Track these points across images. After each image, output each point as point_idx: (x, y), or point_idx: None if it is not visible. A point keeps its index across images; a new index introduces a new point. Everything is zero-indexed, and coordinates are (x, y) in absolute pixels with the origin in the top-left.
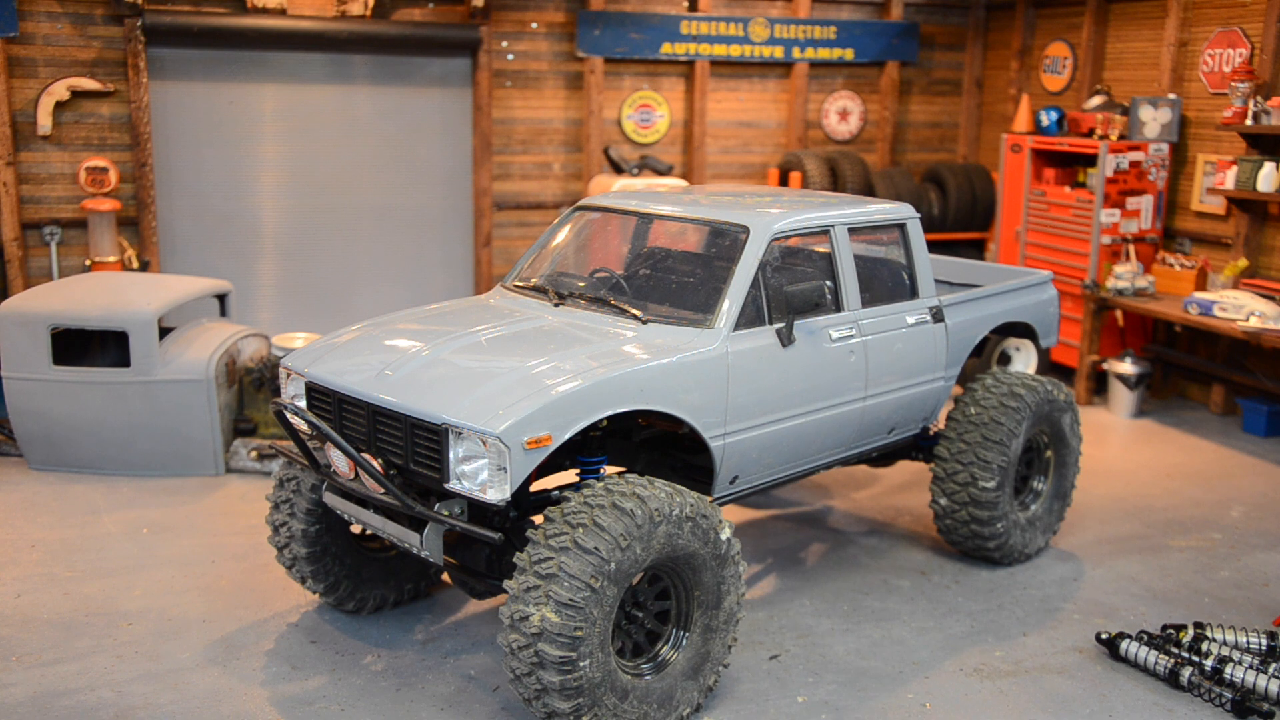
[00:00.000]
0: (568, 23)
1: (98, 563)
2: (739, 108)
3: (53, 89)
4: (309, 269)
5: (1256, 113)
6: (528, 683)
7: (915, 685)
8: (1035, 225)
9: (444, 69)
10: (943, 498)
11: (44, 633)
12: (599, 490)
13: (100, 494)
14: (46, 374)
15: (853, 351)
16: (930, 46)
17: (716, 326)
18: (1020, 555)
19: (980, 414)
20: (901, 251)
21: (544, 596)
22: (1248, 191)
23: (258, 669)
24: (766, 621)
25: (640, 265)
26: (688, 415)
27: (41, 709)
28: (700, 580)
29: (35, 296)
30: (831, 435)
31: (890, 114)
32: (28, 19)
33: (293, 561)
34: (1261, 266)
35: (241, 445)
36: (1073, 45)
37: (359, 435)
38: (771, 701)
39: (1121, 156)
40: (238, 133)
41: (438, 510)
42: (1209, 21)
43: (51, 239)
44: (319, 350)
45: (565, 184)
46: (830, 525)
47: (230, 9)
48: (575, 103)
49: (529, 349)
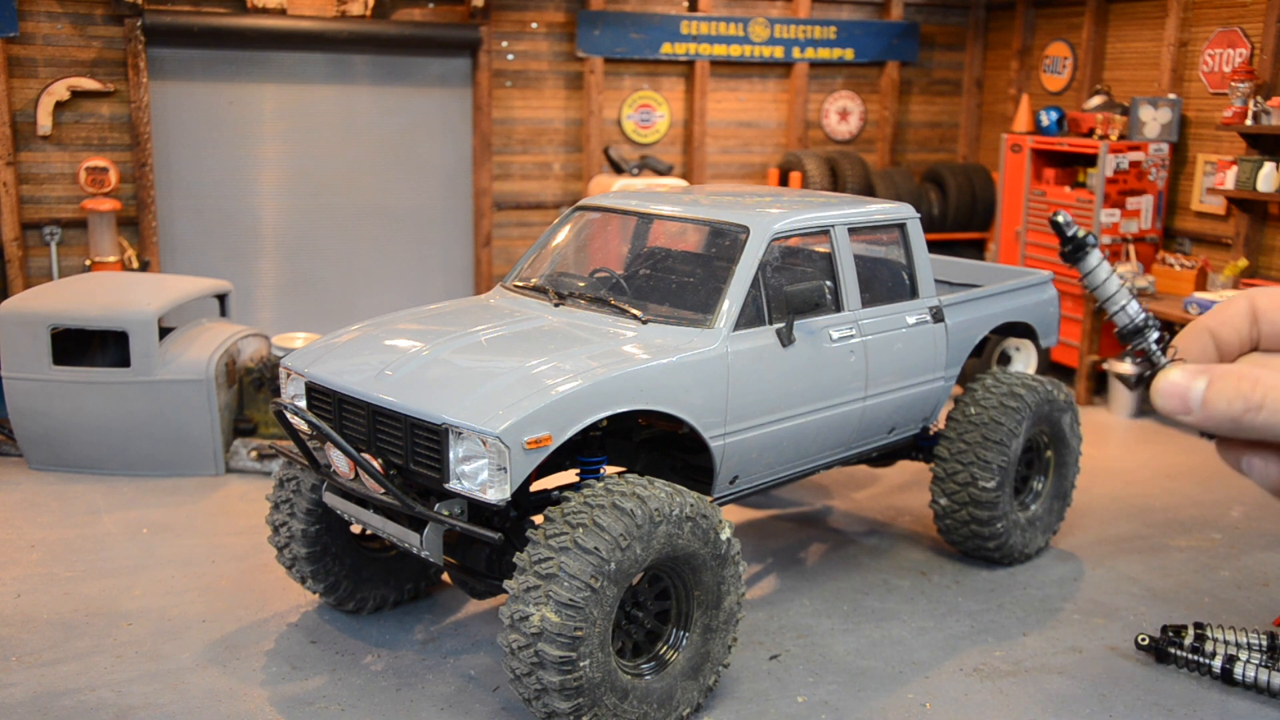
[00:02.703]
0: (568, 23)
1: (98, 563)
2: (739, 108)
3: (53, 89)
4: (309, 269)
5: (1256, 113)
6: (528, 683)
7: (915, 685)
8: (1035, 225)
9: (444, 69)
10: (943, 498)
11: (44, 633)
12: (599, 490)
13: (100, 494)
14: (46, 374)
15: (853, 351)
16: (930, 46)
17: (716, 326)
18: (1020, 555)
19: (980, 414)
20: (901, 251)
21: (544, 596)
22: (1248, 191)
23: (258, 669)
24: (766, 621)
25: (640, 265)
26: (688, 415)
27: (41, 709)
28: (700, 580)
29: (35, 296)
30: (831, 435)
31: (890, 114)
32: (28, 19)
33: (293, 561)
34: (1261, 266)
35: (241, 445)
36: (1073, 45)
37: (359, 435)
38: (771, 701)
39: (1121, 156)
40: (238, 133)
41: (438, 510)
42: (1209, 21)
43: (51, 239)
44: (319, 350)
45: (565, 184)
46: (830, 525)
47: (230, 9)
48: (575, 103)
49: (529, 349)
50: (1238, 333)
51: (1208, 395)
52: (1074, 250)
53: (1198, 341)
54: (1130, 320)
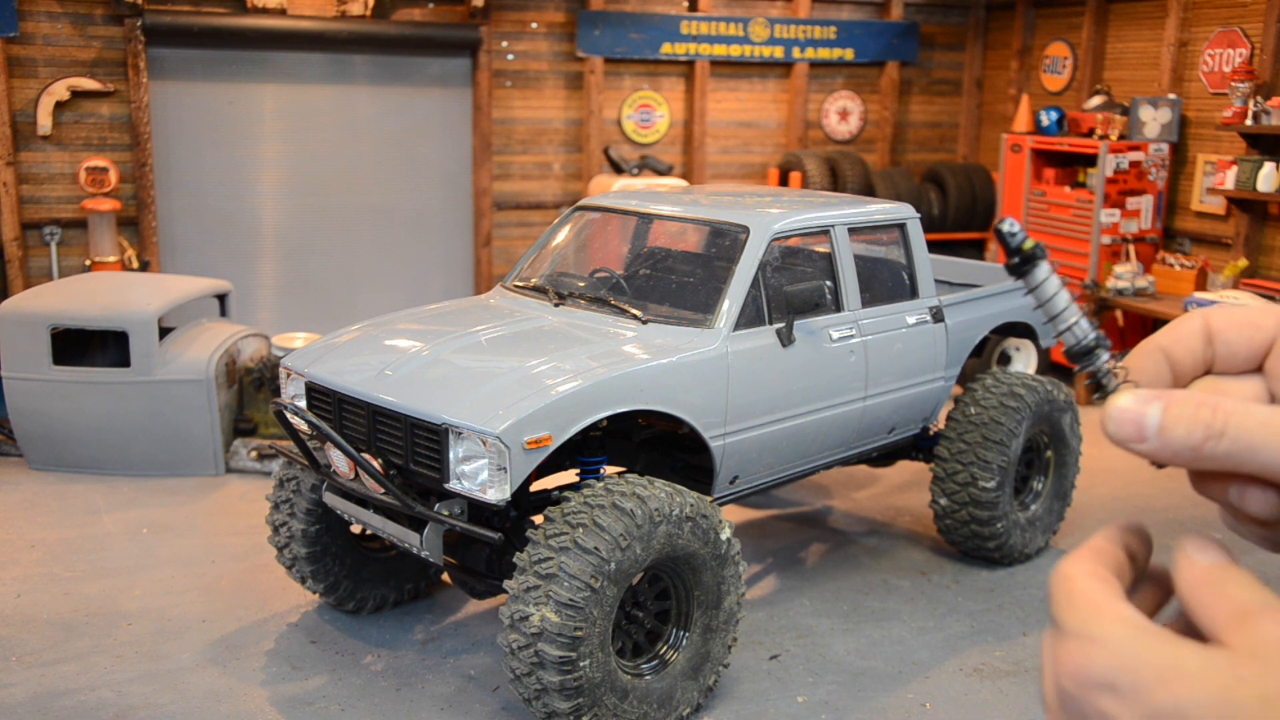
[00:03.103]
0: (568, 23)
1: (98, 563)
2: (739, 108)
3: (53, 89)
4: (309, 269)
5: (1256, 113)
6: (528, 683)
7: (915, 685)
8: (1035, 225)
9: (444, 69)
10: (943, 498)
11: (44, 633)
12: (599, 490)
13: (100, 494)
14: (46, 374)
15: (853, 351)
16: (930, 46)
17: (716, 326)
18: (1020, 555)
19: (980, 414)
20: (901, 251)
21: (544, 596)
22: (1248, 191)
23: (258, 669)
24: (766, 621)
25: (640, 265)
26: (688, 415)
27: (41, 709)
28: (700, 580)
29: (35, 296)
30: (831, 435)
31: (890, 114)
32: (28, 19)
33: (293, 561)
34: (1261, 266)
35: (241, 445)
36: (1073, 45)
37: (359, 435)
38: (771, 701)
39: (1121, 156)
40: (238, 133)
41: (438, 510)
42: (1209, 21)
43: (51, 239)
44: (319, 350)
45: (565, 184)
46: (830, 525)
47: (230, 9)
48: (575, 103)
49: (529, 349)
50: (1192, 353)
51: (1164, 422)
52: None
53: (1151, 362)
54: (1078, 341)
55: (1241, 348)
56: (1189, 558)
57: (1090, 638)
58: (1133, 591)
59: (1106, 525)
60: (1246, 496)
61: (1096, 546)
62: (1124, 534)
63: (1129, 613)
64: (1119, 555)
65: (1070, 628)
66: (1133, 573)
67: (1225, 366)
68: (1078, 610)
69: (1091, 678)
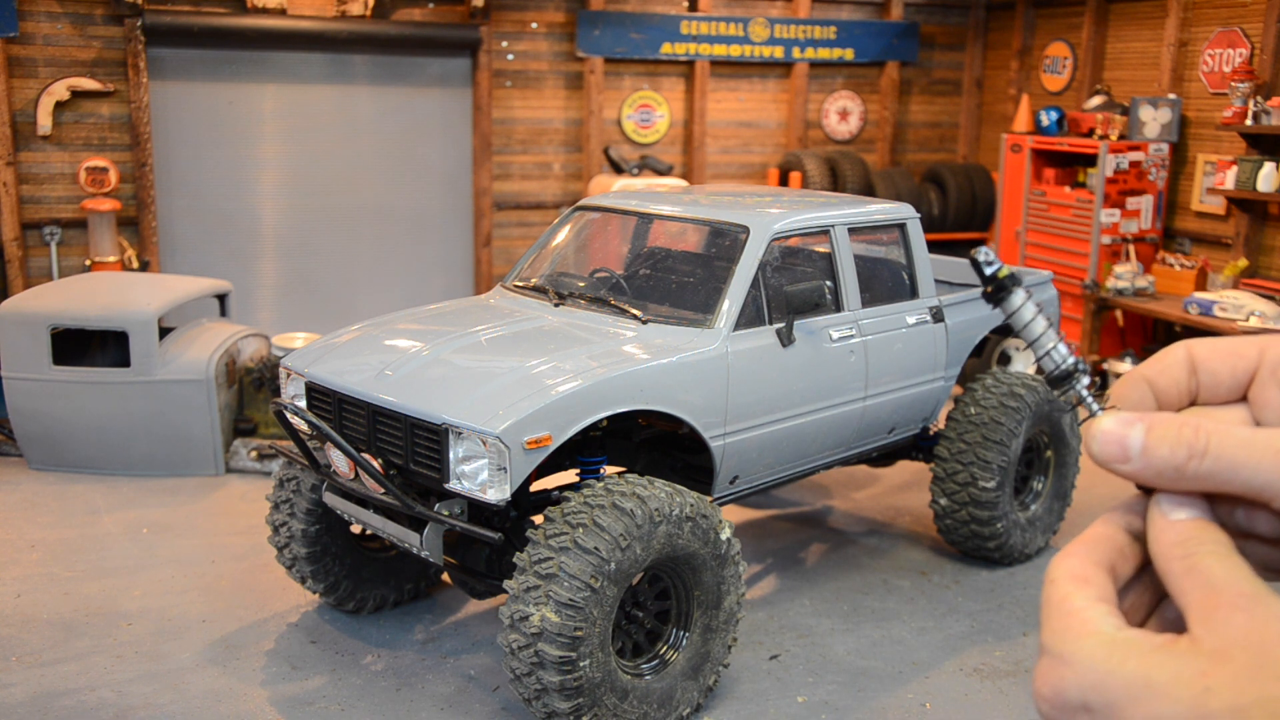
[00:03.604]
0: (568, 23)
1: (98, 563)
2: (739, 108)
3: (53, 89)
4: (309, 269)
5: (1256, 113)
6: (528, 683)
7: (915, 685)
8: (1035, 225)
9: (444, 69)
10: (943, 498)
11: (44, 633)
12: (599, 490)
13: (100, 494)
14: (46, 374)
15: (853, 351)
16: (930, 46)
17: (716, 326)
18: (1020, 555)
19: (980, 414)
20: (901, 251)
21: (544, 596)
22: (1248, 191)
23: (258, 669)
24: (766, 621)
25: (640, 265)
26: (688, 415)
27: (41, 709)
28: (700, 580)
29: (35, 296)
30: (831, 435)
31: (890, 114)
32: (28, 19)
33: (293, 561)
34: (1261, 266)
35: (241, 445)
36: (1073, 45)
37: (359, 435)
38: (771, 701)
39: (1121, 156)
40: (238, 133)
41: (438, 510)
42: (1209, 21)
43: (51, 239)
44: (319, 350)
45: (565, 184)
46: (830, 525)
47: (230, 9)
48: (575, 103)
49: (529, 349)
50: (1176, 384)
51: (1148, 442)
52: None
53: (1135, 391)
54: (1057, 365)
55: (1225, 377)
56: (1164, 515)
57: (1060, 657)
58: (1137, 578)
59: (1111, 508)
60: (1255, 518)
61: (1093, 535)
62: (1129, 515)
63: (1101, 623)
64: (1119, 540)
65: (1046, 643)
66: (1137, 556)
67: (1210, 396)
68: (1052, 623)
69: (1065, 700)
